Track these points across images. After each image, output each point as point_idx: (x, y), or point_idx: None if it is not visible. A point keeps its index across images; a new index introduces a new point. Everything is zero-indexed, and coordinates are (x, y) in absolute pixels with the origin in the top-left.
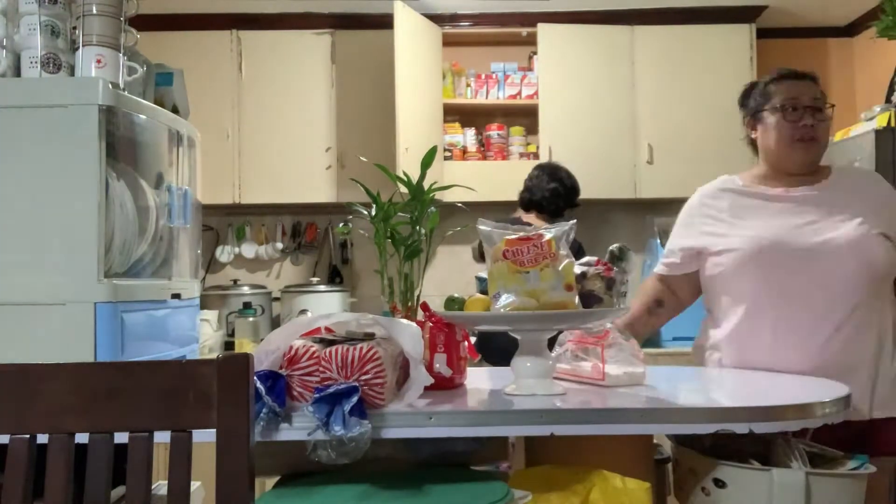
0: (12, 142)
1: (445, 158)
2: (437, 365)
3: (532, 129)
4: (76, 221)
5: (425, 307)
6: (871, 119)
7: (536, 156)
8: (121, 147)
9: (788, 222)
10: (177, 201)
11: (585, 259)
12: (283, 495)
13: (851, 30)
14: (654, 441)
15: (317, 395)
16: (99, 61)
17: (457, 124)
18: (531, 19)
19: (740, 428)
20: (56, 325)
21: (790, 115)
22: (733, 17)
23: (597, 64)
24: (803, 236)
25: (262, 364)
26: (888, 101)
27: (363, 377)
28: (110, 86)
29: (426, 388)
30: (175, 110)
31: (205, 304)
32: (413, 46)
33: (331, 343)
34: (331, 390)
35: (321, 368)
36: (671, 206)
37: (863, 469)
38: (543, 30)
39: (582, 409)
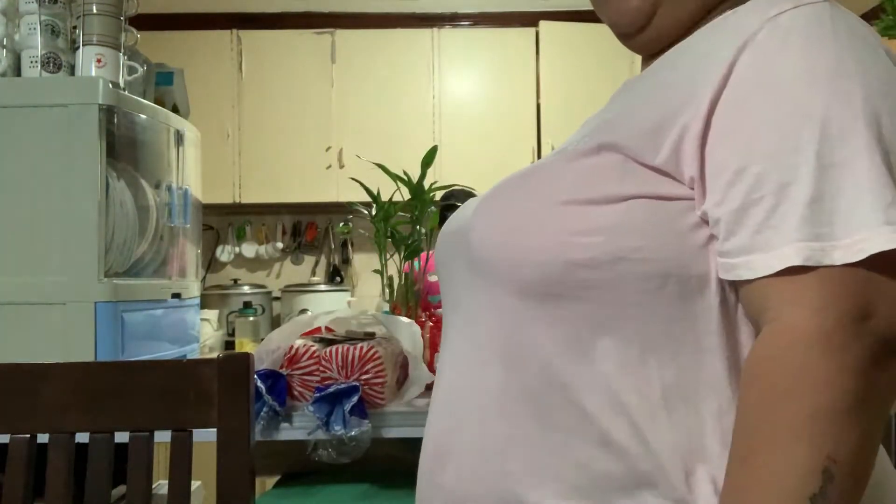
0: (12, 142)
1: None
2: (438, 364)
3: None
4: (76, 221)
5: (425, 306)
6: None
7: (539, 155)
8: (121, 146)
9: None
10: (177, 201)
11: None
12: (283, 495)
13: None
14: None
15: (317, 395)
16: (99, 61)
17: None
18: (532, 18)
19: None
20: (56, 325)
21: None
22: None
23: (597, 63)
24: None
25: (263, 363)
26: None
27: (363, 377)
28: (110, 85)
29: (427, 387)
30: (175, 110)
31: (205, 303)
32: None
33: (331, 342)
34: (331, 390)
35: (321, 368)
36: None
37: None
38: (545, 28)
39: None
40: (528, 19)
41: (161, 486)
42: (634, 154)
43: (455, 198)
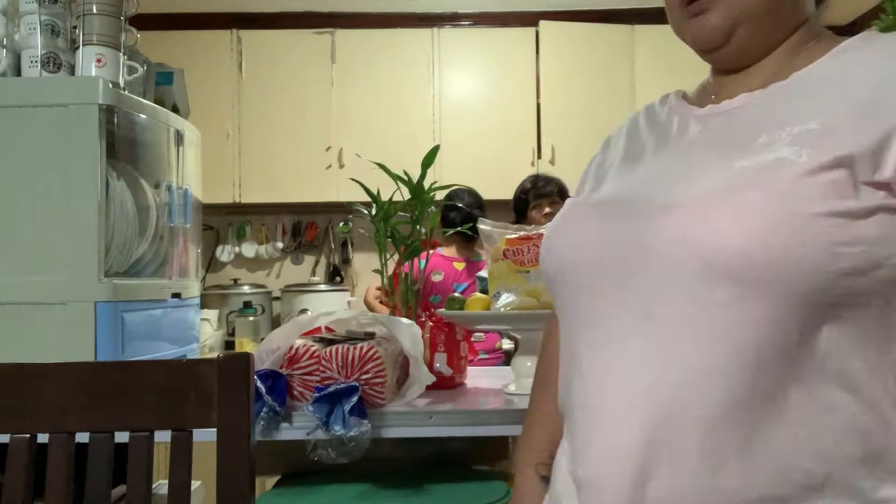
0: (12, 141)
1: None
2: (438, 364)
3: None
4: (76, 221)
5: (425, 306)
6: None
7: (539, 155)
8: (121, 146)
9: (634, 182)
10: (177, 201)
11: None
12: (283, 494)
13: (853, 29)
14: None
15: (317, 395)
16: (99, 61)
17: None
18: (532, 18)
19: None
20: (56, 325)
21: None
22: None
23: (597, 63)
24: (629, 210)
25: (263, 363)
26: None
27: (363, 376)
28: (110, 85)
29: (427, 387)
30: (175, 110)
31: (205, 303)
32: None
33: (331, 342)
34: (331, 390)
35: (321, 368)
36: None
37: None
38: (545, 28)
39: None
40: (528, 19)
41: (161, 486)
42: (860, 170)
43: (457, 198)
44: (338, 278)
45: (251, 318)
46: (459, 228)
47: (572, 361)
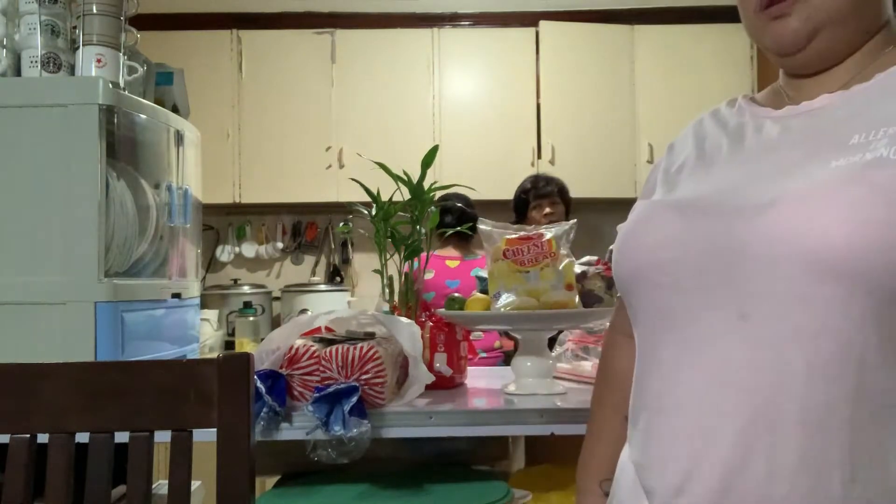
0: (12, 142)
1: None
2: (438, 364)
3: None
4: (76, 221)
5: (425, 306)
6: None
7: (539, 155)
8: (121, 146)
9: (725, 183)
10: (177, 201)
11: (586, 259)
12: (283, 495)
13: None
14: None
15: (317, 395)
16: (99, 61)
17: None
18: (532, 18)
19: None
20: (56, 325)
21: None
22: (733, 17)
23: (597, 63)
24: (722, 210)
25: (263, 363)
26: None
27: (363, 377)
28: (110, 85)
29: (427, 387)
30: (175, 110)
31: (205, 303)
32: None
33: (331, 342)
34: (331, 390)
35: (321, 368)
36: None
37: None
38: (545, 28)
39: (582, 409)
40: (528, 19)
41: (161, 486)
42: None
43: (450, 200)
44: (338, 278)
45: (251, 318)
46: (458, 228)
47: (652, 363)
